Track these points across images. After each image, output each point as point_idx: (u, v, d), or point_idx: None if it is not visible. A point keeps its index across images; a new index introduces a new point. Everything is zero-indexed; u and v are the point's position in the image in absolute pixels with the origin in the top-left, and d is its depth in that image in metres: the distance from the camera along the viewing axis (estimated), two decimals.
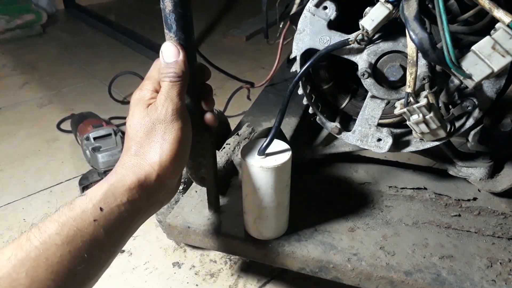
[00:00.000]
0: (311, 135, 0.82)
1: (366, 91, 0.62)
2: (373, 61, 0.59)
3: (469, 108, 0.58)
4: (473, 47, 0.47)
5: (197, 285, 0.85)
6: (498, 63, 0.47)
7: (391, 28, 0.56)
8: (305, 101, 0.66)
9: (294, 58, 0.64)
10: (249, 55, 1.98)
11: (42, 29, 2.24)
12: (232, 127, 0.95)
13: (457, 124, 0.60)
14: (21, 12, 2.14)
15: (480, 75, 0.48)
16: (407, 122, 0.56)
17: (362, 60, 0.59)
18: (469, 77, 0.48)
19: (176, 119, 0.48)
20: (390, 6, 0.52)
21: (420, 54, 0.50)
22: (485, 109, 0.58)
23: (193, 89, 0.53)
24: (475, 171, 0.69)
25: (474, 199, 0.70)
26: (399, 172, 0.77)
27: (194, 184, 0.76)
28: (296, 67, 0.64)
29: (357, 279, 0.63)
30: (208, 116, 0.56)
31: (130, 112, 0.49)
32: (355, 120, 0.66)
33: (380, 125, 0.65)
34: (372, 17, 0.53)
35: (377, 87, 0.60)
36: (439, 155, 0.72)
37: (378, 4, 0.52)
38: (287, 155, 0.59)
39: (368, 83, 0.60)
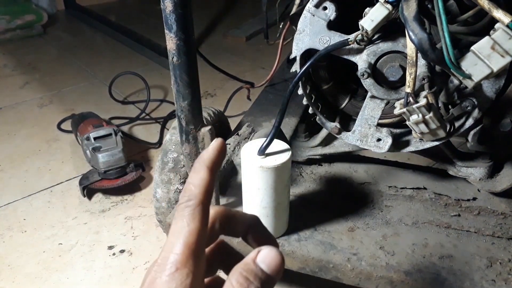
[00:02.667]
0: (310, 135, 0.82)
1: (366, 91, 0.63)
2: (372, 61, 0.59)
3: (468, 108, 0.58)
4: (472, 47, 0.48)
5: None
6: (497, 63, 0.47)
7: (391, 28, 0.57)
8: (305, 101, 0.66)
9: (294, 58, 0.64)
10: (249, 55, 1.98)
11: (43, 29, 2.24)
12: (232, 127, 0.95)
13: (457, 124, 0.60)
14: (21, 13, 2.14)
15: (480, 75, 0.48)
16: (407, 122, 0.57)
17: (361, 60, 0.60)
18: (469, 77, 0.48)
19: None
20: (389, 6, 0.52)
21: (419, 54, 0.50)
22: (484, 109, 0.58)
23: None
24: (474, 171, 0.69)
25: (474, 199, 0.71)
26: (398, 172, 0.77)
27: None
28: (296, 67, 0.64)
29: (357, 279, 0.63)
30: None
31: None
32: (355, 120, 0.66)
33: (379, 125, 0.65)
34: (371, 18, 0.53)
35: (377, 87, 0.61)
36: (439, 155, 0.72)
37: (377, 5, 0.53)
38: (287, 155, 0.59)
39: (367, 83, 0.60)
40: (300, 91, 0.65)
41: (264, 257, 0.29)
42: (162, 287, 0.28)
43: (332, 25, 0.60)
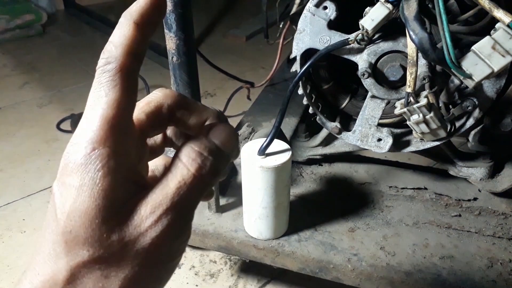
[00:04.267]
0: (310, 135, 0.82)
1: (366, 91, 0.62)
2: (373, 61, 0.59)
3: (469, 108, 0.58)
4: (473, 47, 0.47)
5: (197, 285, 0.85)
6: (498, 63, 0.47)
7: (391, 28, 0.56)
8: (305, 101, 0.66)
9: (294, 58, 0.64)
10: (249, 55, 1.98)
11: (42, 29, 2.24)
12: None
13: (458, 124, 0.60)
14: (21, 12, 2.14)
15: (480, 75, 0.48)
16: (407, 122, 0.56)
17: (362, 60, 0.59)
18: (469, 77, 0.48)
19: None
20: (390, 6, 0.52)
21: (420, 54, 0.50)
22: (485, 109, 0.58)
23: None
24: (475, 171, 0.69)
25: (475, 199, 0.70)
26: (399, 172, 0.77)
27: None
28: (296, 67, 0.64)
29: (357, 279, 0.63)
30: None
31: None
32: (355, 120, 0.66)
33: (380, 125, 0.65)
34: (372, 17, 0.53)
35: (377, 87, 0.60)
36: (440, 155, 0.72)
37: (378, 4, 0.52)
38: (287, 155, 0.59)
39: (368, 83, 0.60)
40: (300, 91, 0.65)
41: (217, 132, 0.26)
42: (77, 171, 0.23)
43: (332, 25, 0.60)
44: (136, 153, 0.26)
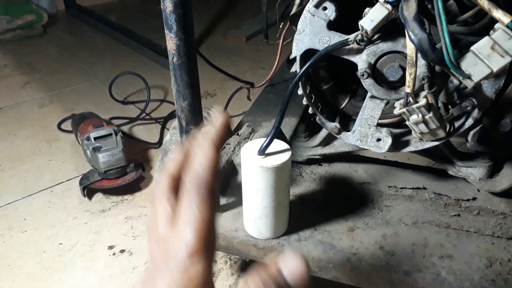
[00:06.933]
0: (310, 135, 0.82)
1: (366, 91, 0.63)
2: (372, 62, 0.59)
3: (468, 108, 0.58)
4: (472, 47, 0.48)
5: None
6: (497, 63, 0.47)
7: (391, 28, 0.57)
8: (305, 101, 0.66)
9: (294, 59, 0.64)
10: (249, 55, 1.98)
11: (43, 29, 2.24)
12: (232, 127, 0.95)
13: (457, 124, 0.60)
14: (22, 13, 2.14)
15: (479, 75, 0.48)
16: (407, 122, 0.57)
17: (361, 61, 0.60)
18: (468, 77, 0.48)
19: None
20: (389, 6, 0.52)
21: (419, 55, 0.50)
22: (484, 109, 0.58)
23: None
24: (474, 171, 0.69)
25: (474, 199, 0.71)
26: (398, 172, 0.77)
27: None
28: (296, 68, 0.64)
29: (356, 278, 0.63)
30: None
31: None
32: (354, 120, 0.66)
33: (379, 125, 0.65)
34: (371, 18, 0.53)
35: (377, 87, 0.61)
36: (439, 155, 0.72)
37: (377, 5, 0.53)
38: (287, 155, 0.59)
39: (367, 83, 0.60)
40: (300, 91, 0.65)
41: (289, 266, 0.27)
42: (170, 281, 0.26)
43: (332, 25, 0.60)
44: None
